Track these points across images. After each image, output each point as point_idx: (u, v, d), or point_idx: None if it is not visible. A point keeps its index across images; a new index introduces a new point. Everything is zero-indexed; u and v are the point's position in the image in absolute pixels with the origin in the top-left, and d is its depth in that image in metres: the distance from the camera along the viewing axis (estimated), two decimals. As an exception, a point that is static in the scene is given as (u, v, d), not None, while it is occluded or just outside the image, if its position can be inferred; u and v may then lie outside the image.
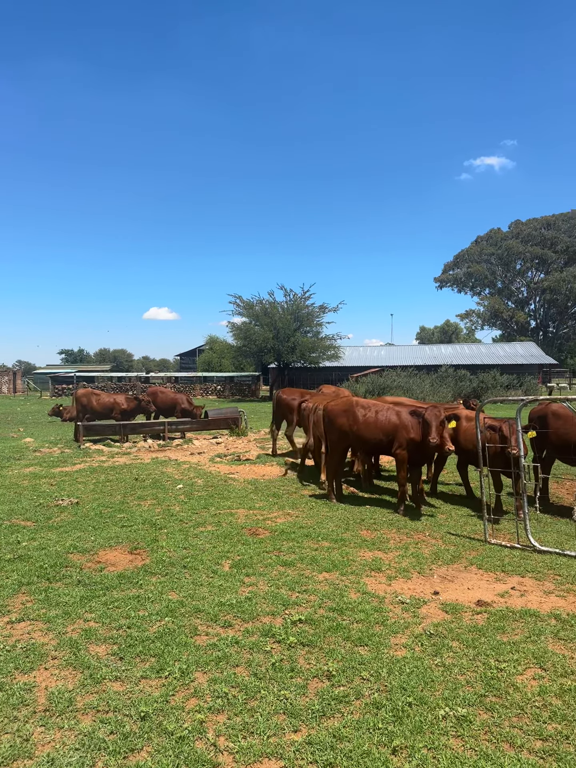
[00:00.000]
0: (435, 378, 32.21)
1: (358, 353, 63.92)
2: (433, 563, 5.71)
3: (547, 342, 79.04)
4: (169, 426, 15.18)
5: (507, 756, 2.76)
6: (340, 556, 5.80)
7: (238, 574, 5.23)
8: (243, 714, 3.11)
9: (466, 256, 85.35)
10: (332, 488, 8.51)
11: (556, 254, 78.18)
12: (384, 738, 2.89)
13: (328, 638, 3.99)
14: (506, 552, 6.10)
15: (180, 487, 9.11)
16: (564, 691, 3.32)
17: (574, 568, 5.52)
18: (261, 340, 42.11)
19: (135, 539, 6.35)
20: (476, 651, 3.81)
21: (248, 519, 7.25)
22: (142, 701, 3.22)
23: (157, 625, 4.22)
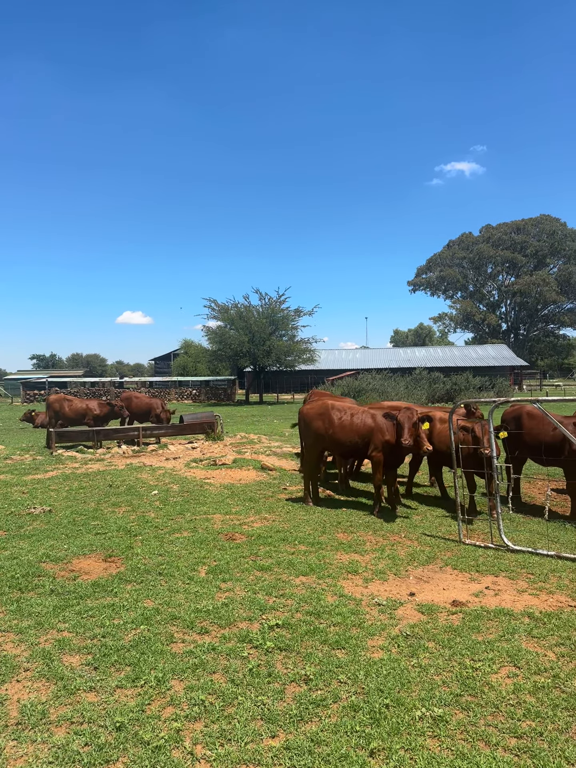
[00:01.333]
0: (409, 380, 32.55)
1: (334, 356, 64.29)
2: (409, 564, 5.75)
3: (518, 344, 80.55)
4: (144, 431, 15.03)
5: (483, 755, 2.79)
6: (316, 560, 5.81)
7: (214, 580, 5.19)
8: (220, 721, 3.09)
9: (438, 260, 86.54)
10: (308, 491, 8.51)
11: (526, 258, 79.76)
12: (362, 740, 2.90)
13: (305, 642, 3.99)
14: (480, 552, 6.18)
15: (155, 493, 9.01)
16: (538, 688, 3.38)
17: (546, 567, 5.62)
18: (236, 344, 42.02)
19: (109, 547, 6.26)
20: (452, 651, 3.84)
21: (225, 524, 7.21)
22: (118, 711, 3.18)
23: (132, 633, 4.16)
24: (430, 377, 34.43)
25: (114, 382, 55.28)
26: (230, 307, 44.41)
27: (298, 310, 45.03)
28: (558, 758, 2.76)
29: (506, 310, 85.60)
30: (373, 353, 67.34)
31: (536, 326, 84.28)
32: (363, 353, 68.53)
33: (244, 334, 42.29)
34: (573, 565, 5.66)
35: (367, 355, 66.18)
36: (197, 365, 57.23)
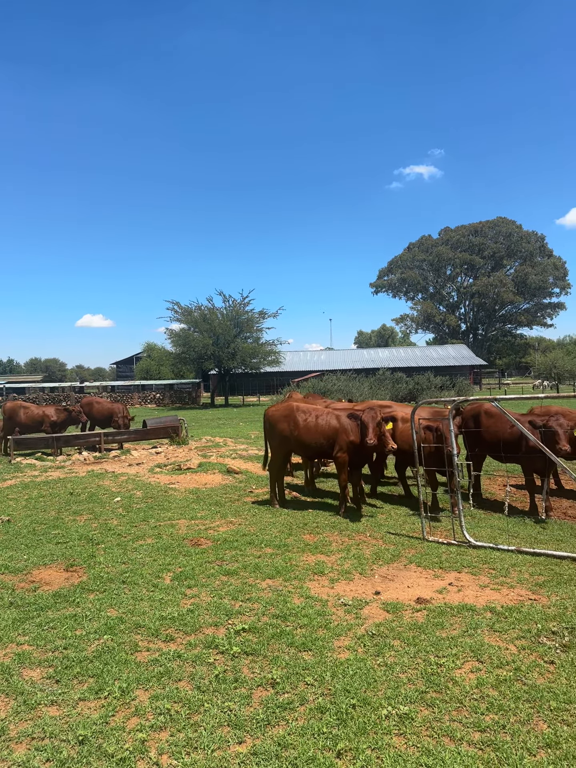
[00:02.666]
0: (373, 381, 32.89)
1: (299, 358, 64.55)
2: (374, 563, 5.80)
3: (477, 344, 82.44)
4: (106, 437, 14.76)
5: (447, 750, 2.83)
6: (283, 562, 5.80)
7: (179, 587, 5.13)
8: (186, 729, 3.05)
9: (399, 263, 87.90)
10: (275, 494, 8.50)
11: (484, 260, 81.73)
12: (329, 742, 2.90)
13: (272, 646, 3.98)
14: (443, 548, 6.28)
15: (118, 500, 8.86)
16: (500, 681, 3.45)
17: (507, 562, 5.75)
18: (200, 347, 41.70)
19: (71, 556, 6.11)
20: (417, 648, 3.89)
21: (190, 529, 7.14)
22: (80, 724, 3.10)
23: (95, 644, 4.07)
24: (394, 377, 34.89)
25: (74, 387, 54.12)
26: (194, 310, 44.07)
27: (263, 312, 45.01)
28: (520, 750, 2.82)
29: (465, 311, 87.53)
30: (337, 354, 67.88)
31: (494, 326, 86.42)
32: (328, 354, 69.01)
33: (209, 336, 42.01)
34: (533, 560, 5.81)
35: (332, 356, 66.68)
36: (161, 368, 56.53)
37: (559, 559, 5.79)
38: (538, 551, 6.01)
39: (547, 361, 54.46)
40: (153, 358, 58.58)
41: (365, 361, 59.46)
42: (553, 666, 3.63)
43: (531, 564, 5.67)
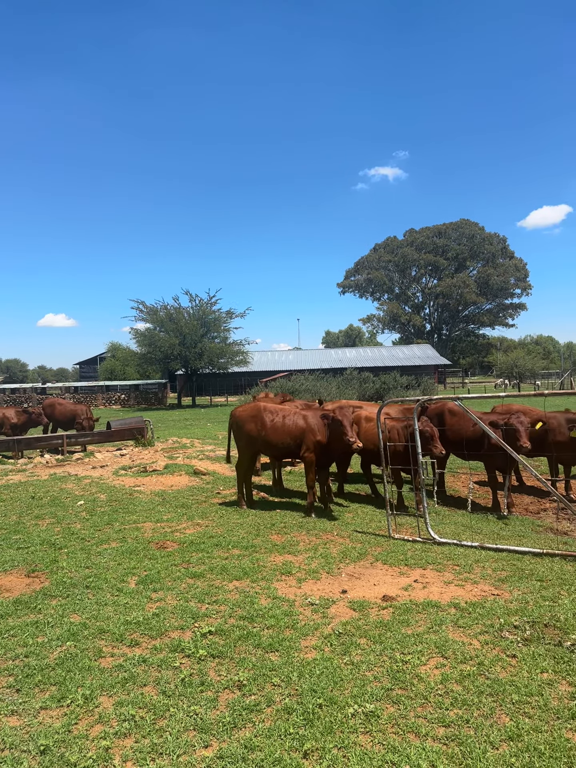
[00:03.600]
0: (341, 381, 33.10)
1: (267, 358, 64.56)
2: (341, 562, 5.83)
3: (441, 344, 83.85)
4: (69, 439, 14.46)
5: (413, 746, 2.85)
6: (250, 563, 5.78)
7: (144, 591, 5.05)
8: (151, 735, 3.00)
9: (365, 263, 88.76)
10: (242, 494, 8.47)
11: (447, 261, 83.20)
12: (295, 743, 2.90)
13: (238, 648, 3.96)
14: (409, 546, 6.36)
15: (81, 503, 8.68)
16: (464, 676, 3.50)
17: (471, 558, 5.86)
18: (167, 347, 41.23)
19: (32, 561, 5.96)
20: (383, 646, 3.92)
21: (155, 532, 7.05)
22: (42, 734, 3.02)
23: (58, 650, 3.98)
24: (361, 377, 35.17)
25: (36, 388, 52.88)
26: (159, 309, 43.53)
27: (230, 312, 44.80)
28: (483, 743, 2.87)
29: (430, 312, 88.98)
30: (305, 354, 68.13)
31: (458, 326, 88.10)
32: (296, 354, 69.19)
33: (175, 336, 41.58)
34: (495, 555, 5.93)
35: (300, 356, 66.87)
36: (126, 369, 55.70)
37: (521, 555, 5.93)
38: (501, 547, 6.14)
39: (508, 360, 55.84)
40: (117, 358, 57.66)
41: (333, 361, 59.85)
42: (515, 660, 3.71)
43: (494, 560, 5.79)
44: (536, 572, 5.35)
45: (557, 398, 24.40)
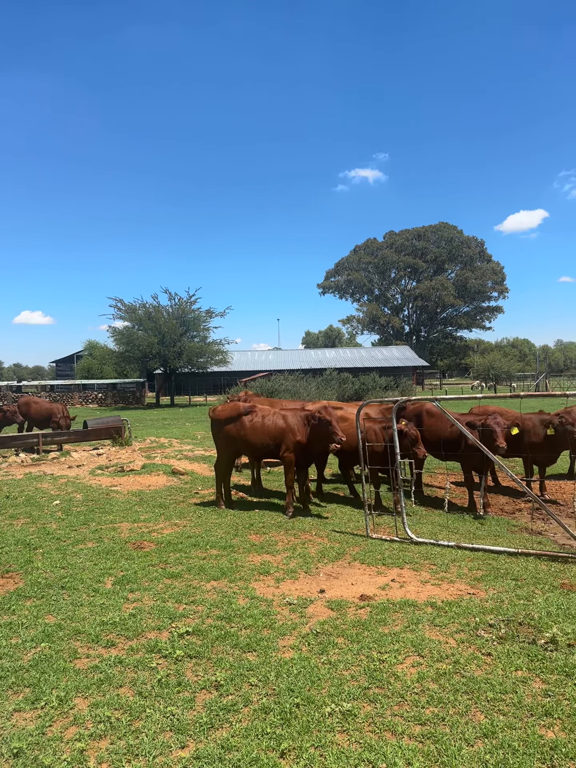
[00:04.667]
0: (320, 381, 33.16)
1: (247, 358, 64.43)
2: (320, 561, 5.85)
3: (420, 345, 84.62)
4: (45, 438, 14.24)
5: (389, 744, 2.87)
6: (228, 563, 5.76)
7: (121, 591, 5.00)
8: (127, 737, 2.97)
9: (345, 264, 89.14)
10: (221, 494, 8.43)
11: (426, 264, 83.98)
12: (272, 742, 2.89)
13: (216, 648, 3.94)
14: (386, 545, 6.40)
15: (57, 503, 8.56)
16: (440, 675, 3.53)
17: (447, 557, 5.92)
18: (145, 345, 40.88)
19: (6, 562, 5.86)
20: (360, 645, 3.94)
21: (132, 532, 6.98)
22: (15, 737, 2.97)
23: (32, 652, 3.92)
24: (340, 378, 35.29)
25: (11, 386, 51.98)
26: (138, 307, 43.12)
27: (210, 311, 44.61)
28: (459, 741, 2.90)
29: (408, 313, 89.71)
30: (285, 354, 68.15)
31: (436, 329, 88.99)
32: (276, 354, 69.17)
33: (154, 335, 41.24)
34: (471, 555, 6.00)
35: (280, 356, 66.87)
36: (103, 367, 55.03)
37: (497, 554, 6.01)
38: (477, 546, 6.21)
39: (485, 362, 56.53)
40: (95, 356, 56.94)
41: (313, 362, 59.96)
42: (490, 658, 3.75)
43: (470, 559, 5.85)
44: (511, 571, 5.43)
45: (532, 400, 24.81)
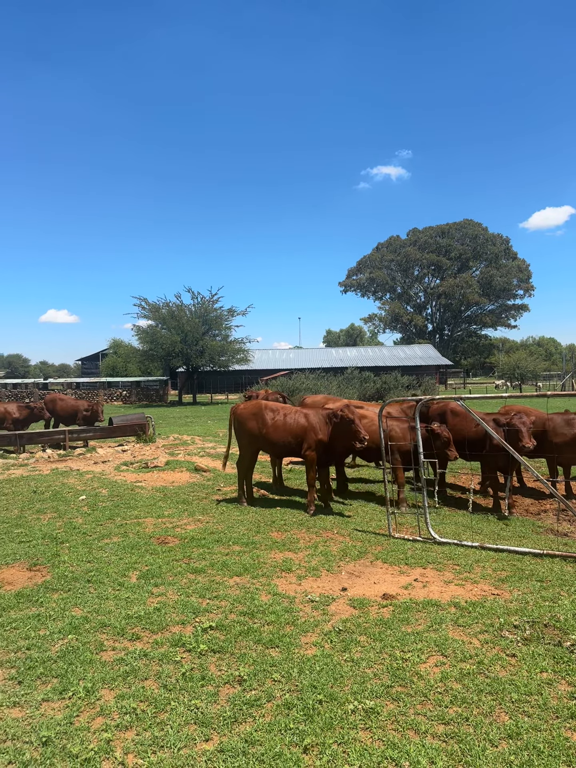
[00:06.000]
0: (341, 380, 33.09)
1: (268, 356, 64.56)
2: (341, 560, 5.85)
3: (443, 344, 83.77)
4: (71, 434, 14.48)
5: (412, 743, 2.87)
6: (251, 560, 5.80)
7: (146, 585, 5.08)
8: (152, 728, 3.02)
9: (368, 262, 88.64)
10: (243, 492, 8.49)
11: (450, 261, 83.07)
12: (295, 738, 2.92)
13: (239, 643, 3.98)
14: (409, 545, 6.37)
15: (83, 498, 8.71)
16: (463, 675, 3.52)
17: (471, 558, 5.87)
18: (168, 344, 41.26)
19: (34, 555, 5.99)
20: (383, 643, 3.94)
21: (157, 527, 7.07)
22: (44, 725, 3.05)
23: (59, 643, 4.00)
24: (361, 376, 35.16)
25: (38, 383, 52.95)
26: (161, 306, 43.55)
27: (232, 310, 44.83)
28: (483, 741, 2.88)
29: (432, 312, 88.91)
30: (306, 353, 68.14)
31: (460, 327, 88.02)
32: (296, 353, 69.18)
33: (177, 333, 41.60)
34: (496, 555, 5.94)
35: (301, 354, 66.88)
36: (127, 365, 55.71)
37: (521, 555, 5.94)
38: (501, 547, 6.15)
39: (510, 361, 55.72)
40: (119, 354, 57.71)
41: (334, 360, 59.84)
42: (515, 659, 3.72)
43: (494, 560, 5.80)
44: (536, 573, 5.37)
45: (558, 400, 24.40)
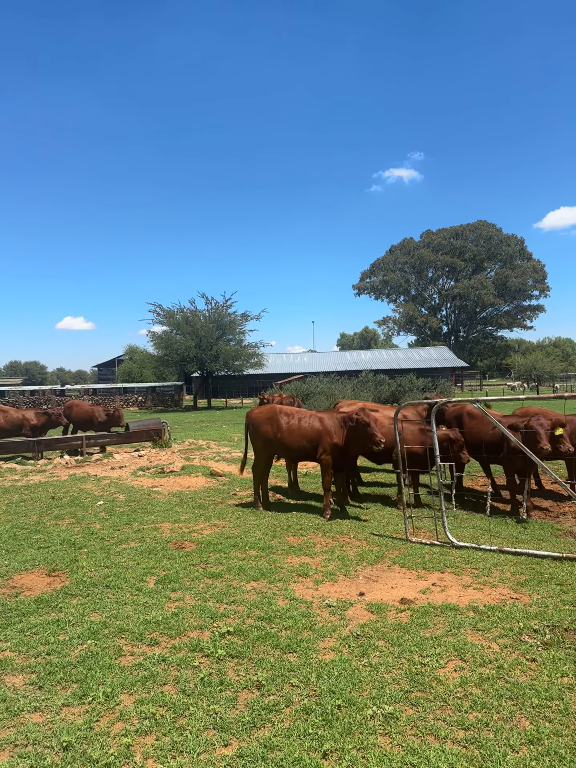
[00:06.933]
0: (356, 383, 32.99)
1: (282, 360, 64.59)
2: (358, 564, 5.83)
3: (459, 346, 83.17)
4: (88, 440, 14.62)
5: (432, 748, 2.85)
6: (267, 564, 5.80)
7: (163, 590, 5.10)
8: (172, 733, 3.04)
9: (381, 265, 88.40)
10: (258, 496, 8.50)
11: (465, 263, 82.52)
12: (314, 743, 2.91)
13: (257, 648, 3.98)
14: (426, 549, 6.33)
15: (100, 503, 8.78)
16: (483, 680, 3.49)
17: (489, 561, 5.82)
18: (183, 349, 41.49)
19: (53, 561, 6.05)
20: (401, 648, 3.92)
21: (173, 532, 7.10)
22: (65, 730, 3.07)
23: (78, 649, 4.04)
24: (376, 379, 35.02)
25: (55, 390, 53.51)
26: (176, 312, 43.81)
27: (245, 315, 44.93)
28: (503, 746, 2.85)
29: (446, 313, 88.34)
30: (320, 356, 68.02)
31: (475, 328, 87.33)
32: (310, 357, 69.12)
33: (191, 338, 41.81)
34: (514, 559, 5.88)
35: (315, 358, 66.79)
36: (143, 371, 56.08)
37: (540, 558, 5.87)
38: (520, 551, 6.09)
39: (527, 362, 55.25)
40: (135, 360, 58.14)
41: (348, 363, 59.69)
42: (535, 663, 3.68)
43: (513, 563, 5.74)
44: (556, 576, 5.30)
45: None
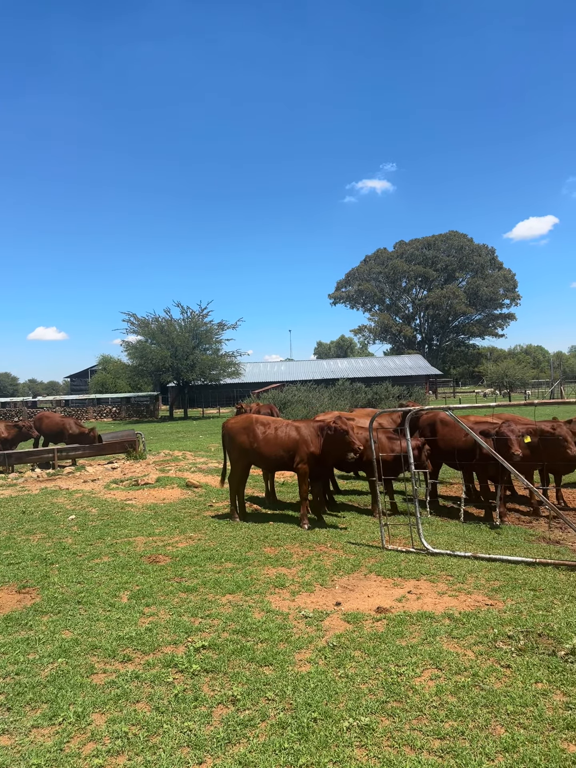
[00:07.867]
0: (333, 391, 33.12)
1: (259, 369, 64.60)
2: (335, 574, 5.81)
3: (432, 354, 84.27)
4: (60, 453, 14.35)
5: (408, 759, 2.84)
6: (243, 576, 5.74)
7: (137, 605, 5.01)
8: (144, 752, 2.97)
9: (356, 275, 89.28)
10: (235, 507, 8.43)
11: (437, 272, 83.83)
12: (290, 758, 2.87)
13: (232, 662, 3.92)
14: (402, 557, 6.34)
15: (72, 517, 8.61)
16: (458, 688, 3.49)
17: (464, 568, 5.85)
18: (158, 359, 41.18)
19: (23, 577, 5.90)
20: (377, 658, 3.90)
21: (147, 546, 7.00)
22: (33, 753, 2.98)
23: (49, 668, 3.93)
24: (353, 387, 35.23)
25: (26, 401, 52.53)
26: (151, 321, 43.54)
27: (222, 324, 44.91)
28: (479, 755, 2.85)
29: (420, 322, 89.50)
30: (297, 365, 68.22)
31: (448, 337, 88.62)
32: (288, 365, 69.26)
33: (166, 348, 41.55)
34: (488, 565, 5.93)
35: (292, 367, 66.95)
36: (117, 381, 55.42)
37: (514, 564, 5.93)
38: (494, 557, 6.14)
39: (499, 370, 56.13)
40: (109, 371, 57.43)
41: (325, 372, 59.92)
42: (510, 670, 3.70)
43: (487, 569, 5.78)
44: (529, 581, 5.36)
45: (547, 407, 24.53)
